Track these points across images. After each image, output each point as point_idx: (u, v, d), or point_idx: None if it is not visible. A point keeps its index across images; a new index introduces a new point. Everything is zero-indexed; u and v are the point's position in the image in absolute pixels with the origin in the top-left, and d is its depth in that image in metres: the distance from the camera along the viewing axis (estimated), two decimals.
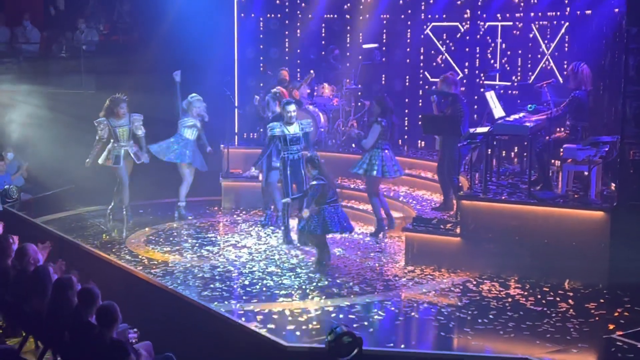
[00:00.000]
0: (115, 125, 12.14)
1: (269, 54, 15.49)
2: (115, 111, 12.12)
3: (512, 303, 8.91)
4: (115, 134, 12.14)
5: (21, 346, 7.80)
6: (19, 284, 7.63)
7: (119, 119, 12.16)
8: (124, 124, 12.20)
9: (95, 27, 16.96)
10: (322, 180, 10.04)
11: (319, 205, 10.05)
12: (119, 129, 12.15)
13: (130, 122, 12.24)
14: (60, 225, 12.09)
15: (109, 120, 12.15)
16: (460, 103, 10.89)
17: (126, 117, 12.21)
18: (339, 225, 10.10)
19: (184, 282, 9.55)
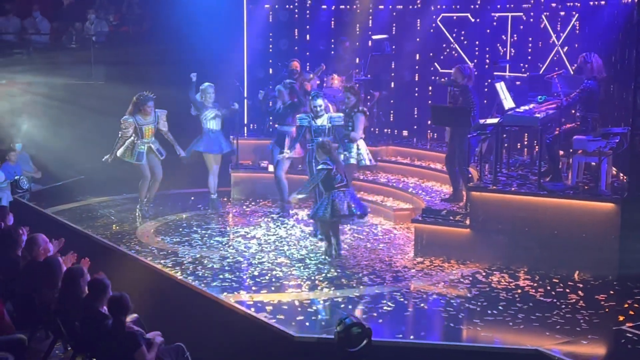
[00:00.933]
0: (142, 123, 12.03)
1: (278, 45, 15.48)
2: (142, 109, 12.00)
3: (521, 294, 8.90)
4: (140, 132, 12.01)
5: (31, 336, 7.84)
6: (29, 274, 7.67)
7: (145, 117, 12.05)
8: (150, 121, 12.10)
9: (105, 18, 16.97)
10: (328, 166, 10.03)
11: (328, 190, 10.05)
12: (145, 127, 12.04)
13: (156, 119, 12.14)
14: (70, 215, 12.14)
15: (135, 117, 12.03)
16: (472, 94, 10.85)
17: (152, 114, 12.10)
18: (348, 208, 10.05)
19: (193, 272, 9.57)
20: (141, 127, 12.04)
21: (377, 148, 13.78)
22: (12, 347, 6.95)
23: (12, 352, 6.46)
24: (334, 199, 9.99)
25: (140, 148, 12.05)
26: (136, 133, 12.05)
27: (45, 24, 16.55)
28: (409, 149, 13.84)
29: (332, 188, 10.03)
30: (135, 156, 12.06)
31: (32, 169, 14.30)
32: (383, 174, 13.30)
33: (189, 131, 12.70)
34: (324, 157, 10.13)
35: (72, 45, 16.56)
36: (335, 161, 10.13)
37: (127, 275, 8.88)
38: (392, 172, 13.30)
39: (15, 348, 7.00)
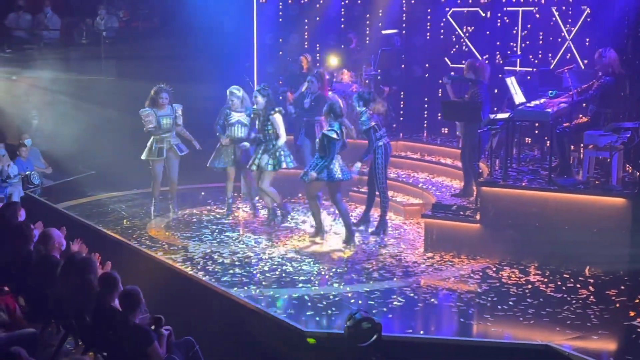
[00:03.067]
0: (159, 115, 11.79)
1: (288, 40, 15.48)
2: (157, 101, 11.76)
3: (532, 290, 8.88)
4: (159, 124, 11.79)
5: (43, 330, 7.88)
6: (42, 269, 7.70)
7: (160, 109, 11.80)
8: (166, 113, 11.85)
9: (115, 14, 17.02)
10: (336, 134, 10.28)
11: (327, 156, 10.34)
12: (163, 119, 11.80)
13: (173, 112, 11.90)
14: (81, 211, 12.17)
15: (153, 110, 11.80)
16: (482, 89, 10.81)
17: (168, 107, 11.85)
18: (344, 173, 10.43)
19: (203, 267, 9.59)
20: (159, 119, 11.80)
21: None
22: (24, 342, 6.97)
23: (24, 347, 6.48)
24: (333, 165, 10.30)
25: (159, 144, 11.82)
26: (156, 126, 11.77)
27: (55, 19, 16.60)
28: (419, 144, 13.82)
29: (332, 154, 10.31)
30: (156, 152, 11.82)
31: (43, 165, 14.36)
32: (393, 169, 13.26)
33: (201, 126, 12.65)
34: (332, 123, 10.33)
35: (82, 40, 16.63)
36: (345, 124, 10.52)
37: (137, 270, 8.91)
38: (402, 167, 13.28)
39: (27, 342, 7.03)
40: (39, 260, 7.86)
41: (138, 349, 6.37)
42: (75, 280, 7.19)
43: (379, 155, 10.85)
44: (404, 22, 14.86)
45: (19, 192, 12.92)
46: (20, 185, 13.23)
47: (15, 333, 7.26)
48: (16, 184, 13.26)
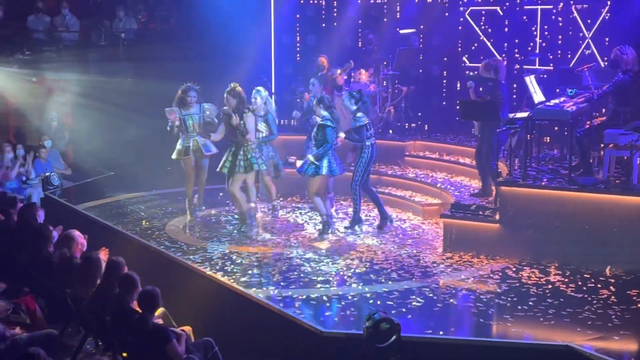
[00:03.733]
0: (185, 114, 11.61)
1: (305, 41, 15.48)
2: (185, 100, 11.55)
3: (552, 290, 8.82)
4: (184, 124, 11.60)
5: (63, 331, 7.92)
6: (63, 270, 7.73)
7: (188, 109, 11.61)
8: (193, 113, 11.64)
9: (134, 16, 17.09)
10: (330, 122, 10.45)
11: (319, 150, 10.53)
12: (188, 119, 11.62)
13: (200, 111, 11.68)
14: (100, 212, 12.22)
15: (178, 108, 11.62)
16: (501, 89, 10.75)
17: (195, 106, 11.64)
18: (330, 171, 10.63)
19: (222, 268, 9.60)
20: (183, 117, 11.64)
21: (405, 143, 13.74)
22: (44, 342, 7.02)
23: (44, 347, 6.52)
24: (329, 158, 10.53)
25: (186, 143, 11.67)
26: (180, 125, 11.62)
27: (74, 21, 16.69)
28: (438, 143, 13.77)
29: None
30: (183, 151, 11.70)
31: (62, 166, 14.44)
32: (411, 169, 13.26)
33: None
34: (323, 113, 10.49)
35: (101, 42, 16.70)
36: (337, 120, 10.64)
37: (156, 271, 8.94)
38: (421, 167, 13.25)
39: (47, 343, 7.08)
40: (60, 261, 7.90)
41: (157, 348, 6.39)
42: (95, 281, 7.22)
43: (365, 154, 10.95)
44: (421, 22, 14.82)
45: (38, 193, 13.00)
46: (40, 187, 13.31)
47: (35, 334, 7.31)
48: (36, 185, 13.35)
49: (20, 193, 12.80)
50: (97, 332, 7.34)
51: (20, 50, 15.67)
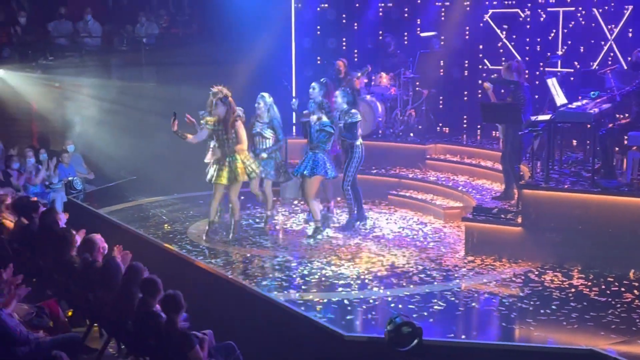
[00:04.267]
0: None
1: (326, 44, 15.49)
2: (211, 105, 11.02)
3: (575, 293, 8.76)
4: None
5: (86, 335, 7.97)
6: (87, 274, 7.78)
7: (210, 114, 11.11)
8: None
9: (155, 21, 17.18)
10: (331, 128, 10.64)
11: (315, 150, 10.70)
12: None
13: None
14: (122, 216, 12.30)
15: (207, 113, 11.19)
16: (523, 91, 10.69)
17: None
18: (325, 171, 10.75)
19: (243, 271, 9.62)
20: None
21: (426, 146, 13.71)
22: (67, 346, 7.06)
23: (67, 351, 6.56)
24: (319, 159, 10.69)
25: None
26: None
27: (97, 27, 16.81)
28: (459, 146, 13.73)
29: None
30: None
31: (85, 170, 14.54)
32: (432, 172, 13.22)
33: None
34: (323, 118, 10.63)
35: (123, 47, 16.80)
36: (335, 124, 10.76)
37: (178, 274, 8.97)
38: (442, 170, 13.21)
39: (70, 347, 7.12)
40: (82, 265, 7.95)
41: (180, 353, 6.40)
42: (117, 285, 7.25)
43: (357, 154, 11.07)
44: (442, 24, 14.78)
45: (61, 197, 13.09)
46: (63, 191, 13.41)
47: (58, 337, 7.35)
48: (59, 189, 13.45)
49: (44, 197, 12.88)
50: (119, 335, 7.37)
51: (43, 55, 15.80)
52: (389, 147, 13.78)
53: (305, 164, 10.82)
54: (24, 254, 9.09)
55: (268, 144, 11.22)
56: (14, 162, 13.46)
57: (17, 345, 6.87)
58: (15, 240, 9.40)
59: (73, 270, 8.09)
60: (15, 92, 15.05)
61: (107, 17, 17.45)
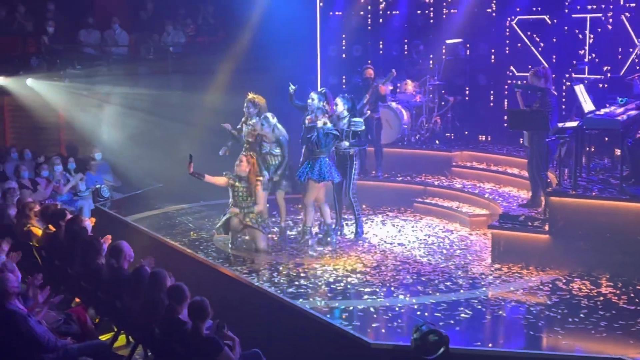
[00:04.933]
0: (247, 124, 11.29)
1: (351, 52, 15.50)
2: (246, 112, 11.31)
3: (603, 302, 8.67)
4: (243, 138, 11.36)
5: (113, 341, 8.02)
6: (113, 281, 7.83)
7: (248, 119, 11.35)
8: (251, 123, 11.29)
9: (182, 29, 17.29)
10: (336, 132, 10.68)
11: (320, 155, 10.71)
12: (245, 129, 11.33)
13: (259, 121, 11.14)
14: (149, 223, 12.37)
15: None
16: (550, 97, 10.62)
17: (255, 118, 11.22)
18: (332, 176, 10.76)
19: (269, 279, 9.63)
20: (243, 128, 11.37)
21: (451, 153, 13.66)
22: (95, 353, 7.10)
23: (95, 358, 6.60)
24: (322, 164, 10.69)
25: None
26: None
27: (124, 36, 16.96)
28: (485, 154, 13.67)
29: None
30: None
31: (112, 178, 14.64)
32: (458, 180, 13.17)
33: None
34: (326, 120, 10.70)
35: (150, 56, 16.93)
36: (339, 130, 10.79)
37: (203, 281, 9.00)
38: (468, 177, 13.15)
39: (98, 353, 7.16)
40: (109, 272, 8.00)
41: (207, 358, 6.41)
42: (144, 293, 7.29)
43: (358, 162, 11.14)
44: (468, 31, 14.74)
45: (89, 205, 13.19)
46: (90, 199, 13.51)
47: (86, 344, 7.40)
48: (87, 197, 13.56)
49: (72, 205, 13.00)
50: (146, 342, 7.41)
51: (71, 64, 15.96)
52: (415, 154, 13.75)
53: (313, 168, 10.75)
54: (52, 262, 9.17)
55: (279, 161, 11.19)
56: (43, 170, 13.59)
57: (46, 352, 6.92)
58: (43, 247, 9.49)
59: (100, 277, 8.14)
60: (43, 101, 15.21)
61: (134, 26, 17.60)
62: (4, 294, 6.88)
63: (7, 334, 6.83)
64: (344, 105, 11.10)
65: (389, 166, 13.44)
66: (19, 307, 6.97)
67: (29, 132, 15.67)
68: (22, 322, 6.84)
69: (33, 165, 14.22)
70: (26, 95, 15.20)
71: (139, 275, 7.52)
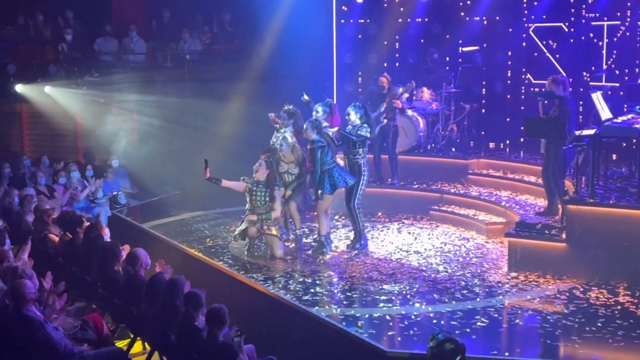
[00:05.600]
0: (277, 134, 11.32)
1: (367, 60, 15.52)
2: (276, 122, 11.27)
3: (621, 311, 8.61)
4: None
5: (129, 348, 8.04)
6: (130, 288, 7.86)
7: (278, 131, 11.29)
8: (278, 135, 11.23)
9: (198, 37, 17.38)
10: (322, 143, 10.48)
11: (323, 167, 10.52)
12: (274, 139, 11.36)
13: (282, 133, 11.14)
14: (165, 230, 12.39)
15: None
16: (569, 106, 10.56)
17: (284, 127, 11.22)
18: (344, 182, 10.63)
19: (285, 286, 9.63)
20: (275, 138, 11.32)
21: (468, 161, 13.63)
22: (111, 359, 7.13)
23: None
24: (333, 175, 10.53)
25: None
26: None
27: (141, 44, 17.06)
28: (501, 161, 13.61)
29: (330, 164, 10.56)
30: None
31: (129, 185, 14.70)
32: (475, 188, 13.12)
33: None
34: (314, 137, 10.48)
35: (166, 64, 17.02)
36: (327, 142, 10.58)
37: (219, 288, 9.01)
38: (484, 185, 13.11)
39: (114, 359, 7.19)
40: (126, 279, 8.03)
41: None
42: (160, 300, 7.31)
43: (366, 172, 10.93)
44: (484, 39, 14.72)
45: (106, 212, 13.26)
46: (107, 206, 13.58)
47: (102, 350, 7.43)
48: (103, 204, 13.63)
49: (89, 212, 13.08)
50: (162, 349, 7.42)
51: (89, 72, 16.07)
52: (431, 161, 13.73)
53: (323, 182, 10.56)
54: (69, 268, 9.22)
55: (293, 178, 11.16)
56: (61, 177, 13.68)
57: (62, 359, 6.95)
58: (60, 254, 9.54)
59: (117, 284, 8.18)
60: (61, 108, 15.32)
61: (151, 34, 17.71)
62: (22, 300, 6.92)
63: (24, 340, 6.87)
64: (356, 114, 10.90)
65: (405, 174, 13.42)
66: (36, 314, 7.01)
67: (47, 139, 15.80)
68: (39, 328, 6.87)
69: (50, 171, 14.31)
70: (44, 103, 15.32)
71: (156, 282, 7.54)
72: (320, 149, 10.49)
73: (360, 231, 11.12)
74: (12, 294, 7.03)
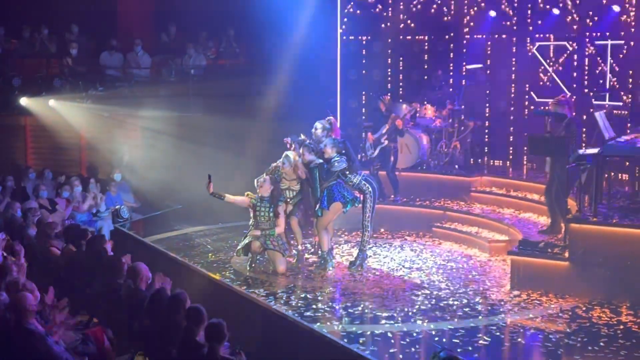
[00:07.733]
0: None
1: (371, 76, 15.55)
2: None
3: (623, 330, 8.59)
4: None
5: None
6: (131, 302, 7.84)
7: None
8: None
9: (203, 52, 17.42)
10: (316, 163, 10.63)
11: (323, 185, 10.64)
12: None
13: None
14: (168, 244, 12.41)
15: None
16: (575, 126, 10.57)
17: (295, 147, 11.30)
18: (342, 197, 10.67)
19: (287, 302, 9.62)
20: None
21: (471, 178, 13.63)
22: None
23: None
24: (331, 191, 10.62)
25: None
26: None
27: (146, 58, 17.10)
28: (505, 179, 13.62)
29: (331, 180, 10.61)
30: None
31: (132, 199, 14.70)
32: (478, 205, 13.12)
33: None
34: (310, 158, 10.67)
35: (171, 78, 17.05)
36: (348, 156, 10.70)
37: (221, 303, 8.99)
38: (487, 202, 13.10)
39: None
40: (127, 293, 8.02)
41: None
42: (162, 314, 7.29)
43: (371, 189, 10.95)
44: (488, 57, 14.76)
45: (108, 225, 13.25)
46: (110, 219, 13.57)
47: None
48: (106, 217, 13.62)
49: (91, 225, 13.06)
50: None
51: (94, 86, 16.11)
52: (434, 178, 13.74)
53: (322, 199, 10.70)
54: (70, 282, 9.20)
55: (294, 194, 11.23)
56: (64, 190, 13.68)
57: None
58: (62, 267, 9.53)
59: (119, 298, 8.16)
60: (65, 122, 15.35)
61: (156, 48, 17.75)
62: (23, 313, 6.91)
63: (25, 354, 6.85)
64: (332, 148, 10.75)
65: (408, 190, 13.41)
66: (37, 327, 7.00)
67: (50, 152, 15.81)
68: (40, 341, 6.85)
69: (53, 185, 14.32)
70: (48, 116, 15.35)
71: (158, 296, 7.53)
72: (318, 168, 10.63)
73: (361, 249, 11.08)
74: (13, 307, 7.02)
